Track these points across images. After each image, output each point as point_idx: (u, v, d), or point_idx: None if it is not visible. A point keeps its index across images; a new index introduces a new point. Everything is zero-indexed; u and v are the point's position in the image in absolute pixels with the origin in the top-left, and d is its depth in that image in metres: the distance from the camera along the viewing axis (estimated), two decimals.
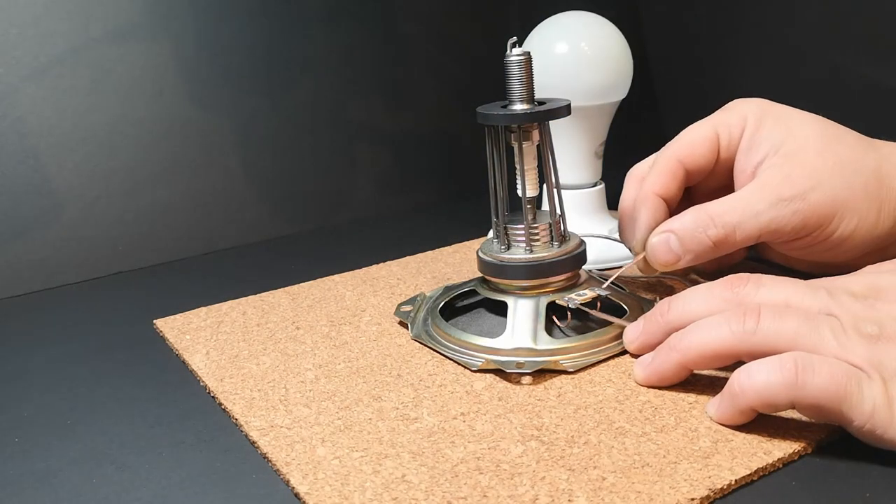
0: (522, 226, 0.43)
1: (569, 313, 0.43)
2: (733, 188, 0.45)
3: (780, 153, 0.42)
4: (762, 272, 0.49)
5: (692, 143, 0.45)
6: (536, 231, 0.43)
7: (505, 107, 0.43)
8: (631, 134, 0.66)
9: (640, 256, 0.45)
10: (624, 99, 0.55)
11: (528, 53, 0.42)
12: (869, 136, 0.44)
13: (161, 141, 0.67)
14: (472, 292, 0.47)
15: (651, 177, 0.45)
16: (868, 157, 0.42)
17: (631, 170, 0.49)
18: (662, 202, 0.45)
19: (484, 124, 0.43)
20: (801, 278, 0.49)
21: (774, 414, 0.34)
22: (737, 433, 0.33)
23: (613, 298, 0.45)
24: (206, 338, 0.48)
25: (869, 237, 0.41)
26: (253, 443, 0.36)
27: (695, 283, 0.50)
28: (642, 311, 0.45)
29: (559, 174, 0.45)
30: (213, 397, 0.41)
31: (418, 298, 0.50)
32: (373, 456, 0.34)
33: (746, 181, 0.43)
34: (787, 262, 0.48)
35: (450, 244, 0.62)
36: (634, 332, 0.40)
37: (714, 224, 0.41)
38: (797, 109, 0.44)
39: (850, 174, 0.41)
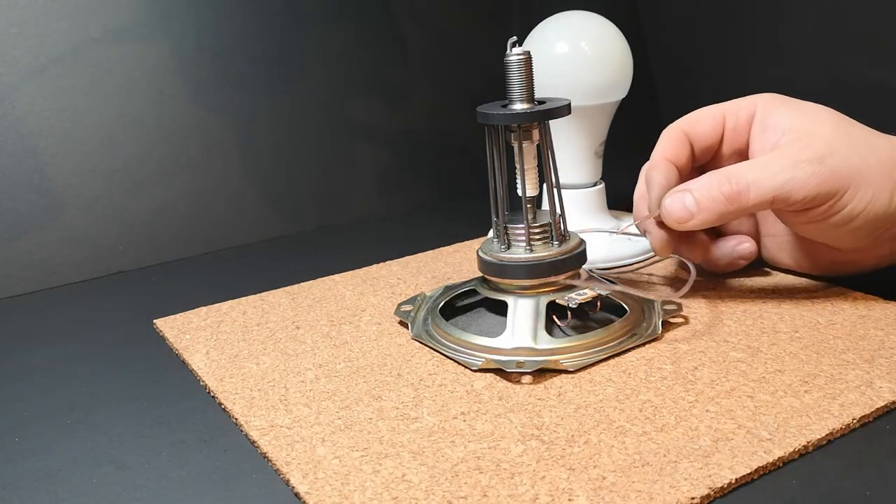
0: (522, 225, 0.43)
1: (569, 312, 0.43)
2: None
3: (796, 130, 0.43)
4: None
5: (697, 119, 0.47)
6: (536, 230, 0.43)
7: (505, 106, 0.43)
8: (631, 134, 0.66)
9: (654, 213, 0.45)
10: (624, 99, 0.55)
11: (528, 53, 0.42)
12: None
13: (161, 141, 0.67)
14: (473, 292, 0.47)
15: (658, 147, 0.47)
16: (881, 140, 0.43)
17: (644, 166, 0.50)
18: (673, 166, 0.46)
19: (484, 124, 0.43)
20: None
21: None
22: (737, 432, 0.33)
23: (614, 298, 0.45)
24: (206, 337, 0.48)
25: (882, 215, 0.42)
26: (253, 442, 0.36)
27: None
28: (643, 311, 0.45)
29: (559, 174, 0.45)
30: (213, 397, 0.41)
31: (418, 298, 0.50)
32: (373, 455, 0.34)
33: None
34: (797, 262, 0.48)
35: (450, 244, 0.62)
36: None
37: (729, 181, 0.42)
38: (806, 101, 0.45)
39: (865, 149, 0.41)
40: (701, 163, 0.48)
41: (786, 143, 0.43)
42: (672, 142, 0.46)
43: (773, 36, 0.76)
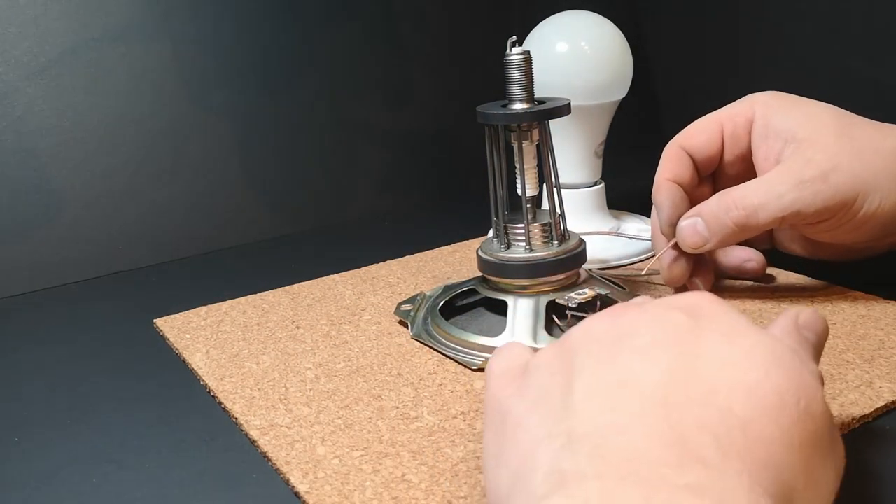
0: (522, 225, 0.43)
1: (568, 312, 0.43)
2: (755, 177, 0.45)
3: (798, 138, 0.43)
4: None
5: (694, 132, 0.47)
6: (536, 230, 0.43)
7: (505, 106, 0.43)
8: (631, 134, 0.66)
9: (672, 242, 0.45)
10: (624, 98, 0.55)
11: (528, 53, 0.42)
12: None
13: (161, 141, 0.67)
14: (472, 291, 0.47)
15: (660, 168, 0.47)
16: (885, 139, 0.42)
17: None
18: (676, 185, 0.46)
19: (484, 123, 0.43)
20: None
21: None
22: None
23: (613, 297, 0.45)
24: (206, 337, 0.48)
25: (891, 217, 0.42)
26: (253, 442, 0.36)
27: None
28: None
29: (559, 173, 0.45)
30: (213, 396, 0.41)
31: (418, 297, 0.50)
32: (373, 455, 0.34)
33: (771, 167, 0.44)
34: (810, 252, 0.48)
35: (450, 243, 0.62)
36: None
37: (736, 206, 0.42)
38: (806, 98, 0.45)
39: (869, 155, 0.41)
40: (706, 174, 0.48)
41: (789, 156, 0.43)
42: (672, 161, 0.46)
43: (773, 34, 0.76)
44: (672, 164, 0.46)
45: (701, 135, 0.46)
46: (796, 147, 0.42)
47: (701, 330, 0.25)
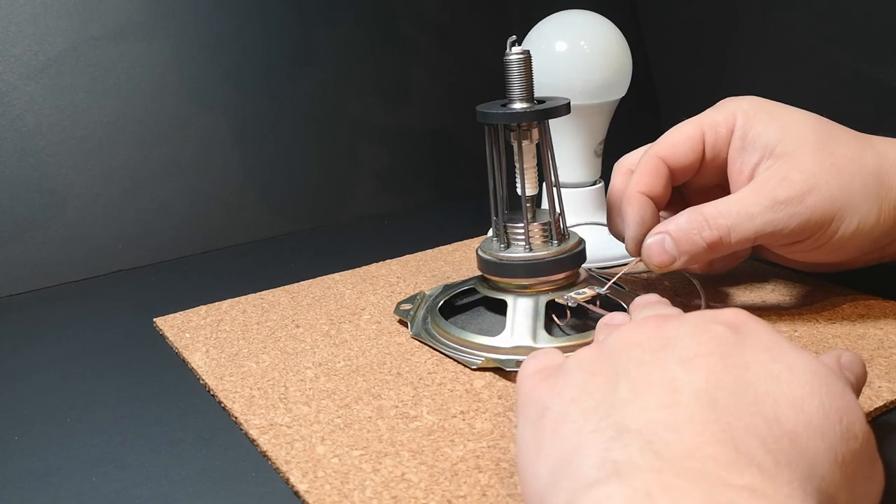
0: (522, 224, 0.43)
1: (568, 312, 0.43)
2: (726, 186, 0.44)
3: (776, 153, 0.41)
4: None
5: (675, 142, 0.45)
6: (536, 229, 0.43)
7: (504, 105, 0.43)
8: (630, 133, 0.66)
9: (637, 260, 0.44)
10: (623, 98, 0.55)
11: (528, 52, 0.42)
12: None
13: (161, 140, 0.67)
14: (472, 291, 0.47)
15: (635, 176, 0.45)
16: (866, 155, 0.41)
17: (618, 161, 0.48)
18: (648, 200, 0.44)
19: (484, 123, 0.43)
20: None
21: None
22: None
23: (613, 297, 0.45)
24: (205, 336, 0.48)
25: (869, 238, 0.41)
26: (252, 441, 0.36)
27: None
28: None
29: (559, 173, 0.45)
30: (212, 396, 0.41)
31: (418, 297, 0.50)
32: (372, 454, 0.34)
33: (744, 182, 0.42)
34: (788, 263, 0.48)
35: (449, 243, 0.62)
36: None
37: (709, 226, 0.41)
38: (790, 106, 0.43)
39: (848, 175, 0.40)
40: (681, 182, 0.46)
41: (764, 173, 0.41)
42: (647, 173, 0.44)
43: (772, 34, 0.76)
44: (648, 178, 0.44)
45: (683, 146, 0.44)
46: (773, 163, 0.41)
47: (744, 345, 0.25)
